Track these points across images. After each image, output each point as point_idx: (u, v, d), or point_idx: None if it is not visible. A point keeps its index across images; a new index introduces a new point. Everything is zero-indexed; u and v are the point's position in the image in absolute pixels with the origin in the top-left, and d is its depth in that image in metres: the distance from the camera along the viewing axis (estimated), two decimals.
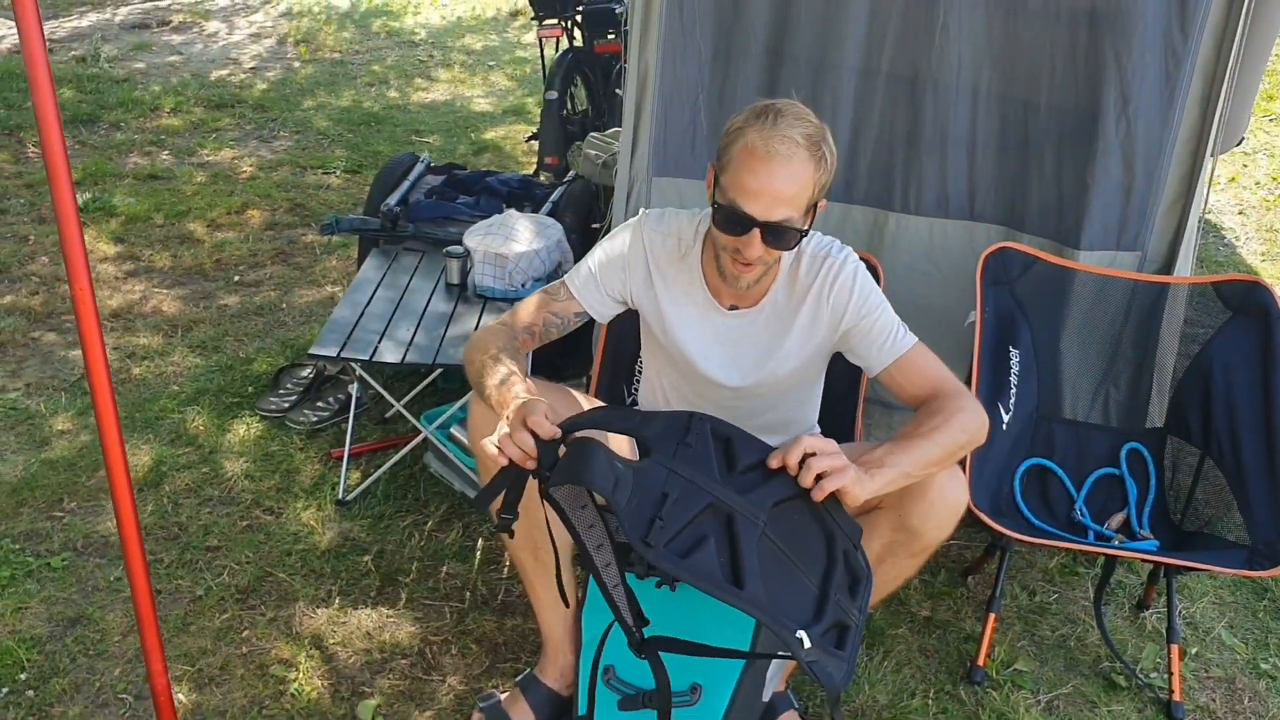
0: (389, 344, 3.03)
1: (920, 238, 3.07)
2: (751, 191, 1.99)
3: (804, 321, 2.24)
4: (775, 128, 1.97)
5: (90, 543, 2.93)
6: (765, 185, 1.98)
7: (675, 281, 2.27)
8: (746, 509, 1.86)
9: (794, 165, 1.97)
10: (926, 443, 2.04)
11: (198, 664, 2.54)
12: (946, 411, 2.08)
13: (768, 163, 1.96)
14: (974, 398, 2.17)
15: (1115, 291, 2.82)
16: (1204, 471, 2.67)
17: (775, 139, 1.96)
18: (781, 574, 1.85)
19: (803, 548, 1.90)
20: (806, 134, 1.98)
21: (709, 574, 1.78)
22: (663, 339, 2.35)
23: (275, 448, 3.36)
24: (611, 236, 2.33)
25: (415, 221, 3.58)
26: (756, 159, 1.97)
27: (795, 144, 1.96)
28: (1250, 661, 2.73)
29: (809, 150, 1.98)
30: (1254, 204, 5.82)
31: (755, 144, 1.97)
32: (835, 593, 1.87)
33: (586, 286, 2.31)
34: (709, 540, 1.82)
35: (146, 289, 4.36)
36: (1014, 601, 2.87)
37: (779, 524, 1.89)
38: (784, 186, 1.98)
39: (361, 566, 2.88)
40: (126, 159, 5.79)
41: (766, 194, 1.98)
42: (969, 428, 2.10)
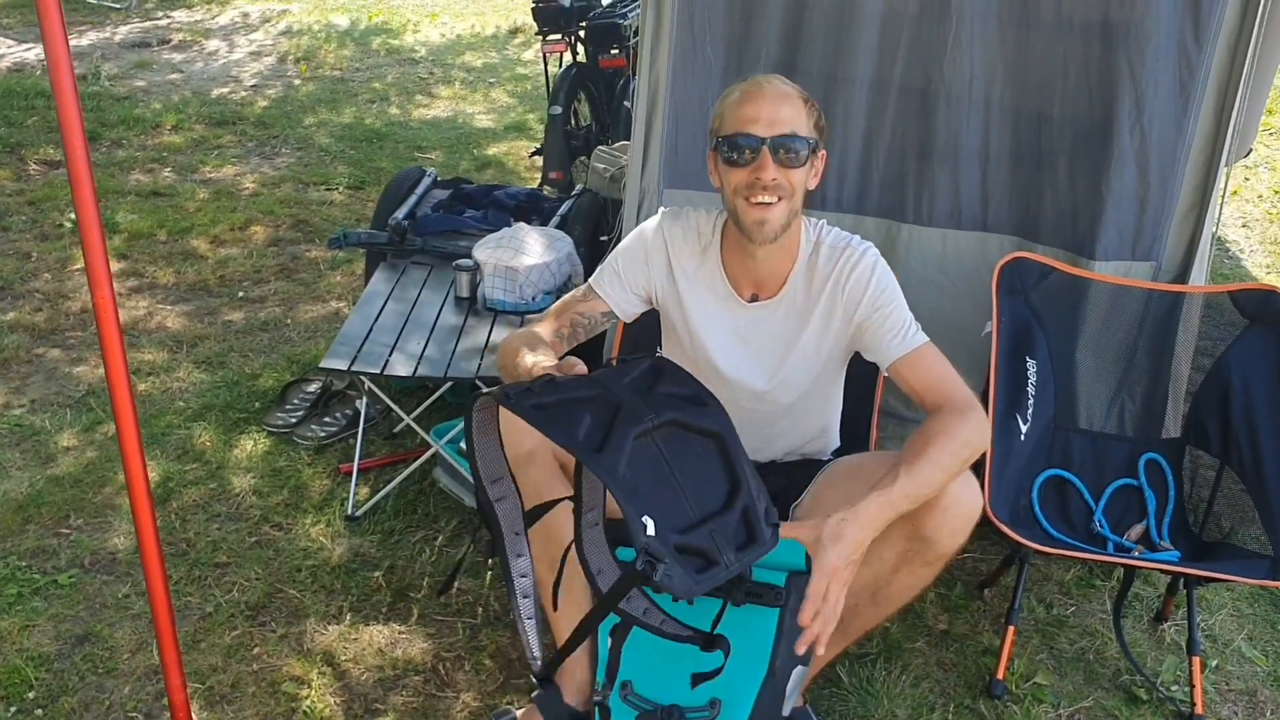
0: (400, 357, 3.01)
1: (933, 249, 3.06)
2: (749, 118, 2.10)
3: (822, 312, 2.27)
4: (759, 79, 2.15)
5: (98, 559, 2.90)
6: (761, 108, 2.10)
7: (696, 276, 2.31)
8: (637, 405, 1.81)
9: (784, 93, 2.12)
10: (929, 467, 2.05)
11: (208, 682, 2.51)
12: (950, 431, 2.09)
13: (760, 91, 2.12)
14: (978, 405, 2.18)
15: (1130, 301, 2.81)
16: (1223, 481, 2.65)
17: (761, 79, 2.15)
18: (656, 476, 1.80)
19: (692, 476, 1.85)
20: (791, 85, 2.15)
21: (563, 427, 1.74)
22: (684, 336, 2.36)
23: (283, 463, 3.33)
24: (632, 234, 2.37)
25: (423, 235, 3.57)
26: (748, 95, 2.12)
27: (783, 82, 2.15)
28: (1271, 673, 2.70)
29: (796, 92, 2.14)
30: (1258, 217, 5.82)
31: (745, 87, 2.14)
32: (715, 530, 1.81)
33: (611, 284, 2.35)
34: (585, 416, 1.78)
35: (151, 305, 4.34)
36: (1031, 614, 2.85)
37: (675, 443, 1.84)
38: (780, 105, 2.10)
39: (372, 582, 2.85)
40: (128, 176, 5.77)
41: (764, 115, 2.10)
42: (972, 442, 2.11)
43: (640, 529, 1.72)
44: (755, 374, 2.34)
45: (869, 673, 2.62)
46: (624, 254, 2.35)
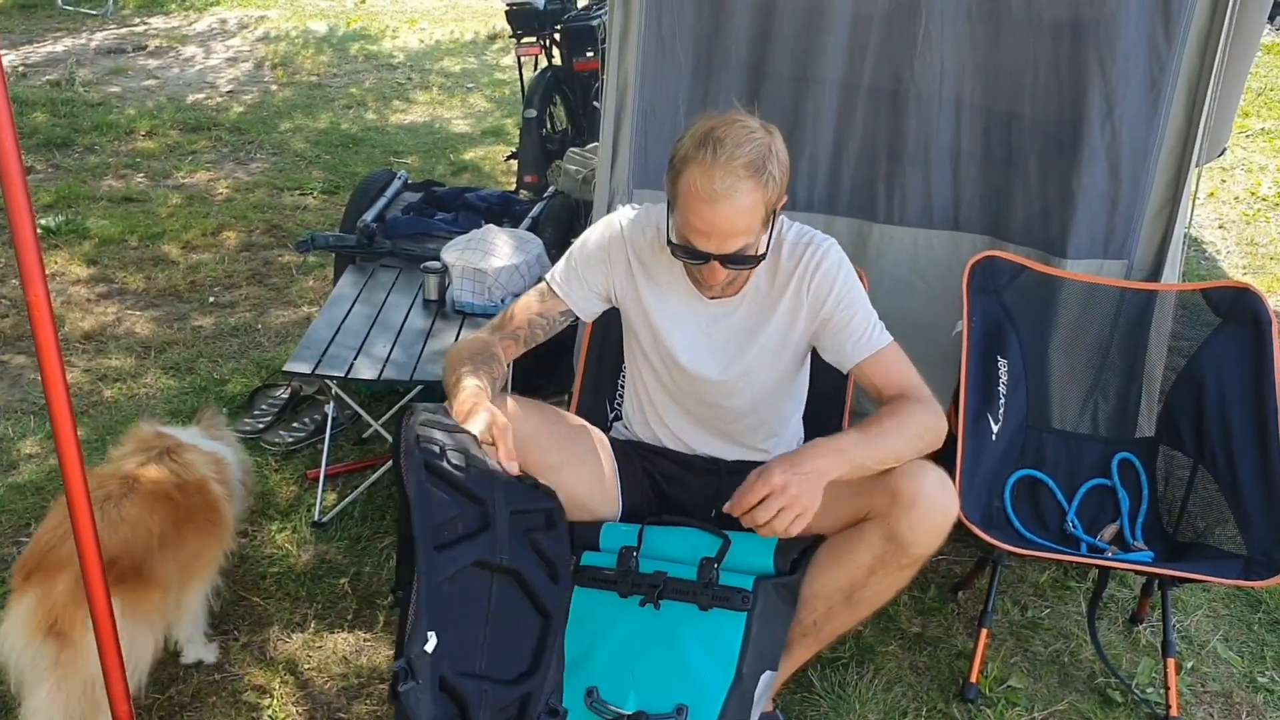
0: (365, 360, 2.96)
1: (905, 249, 3.03)
2: (701, 232, 2.03)
3: (785, 309, 2.25)
4: (716, 161, 1.97)
5: None
6: (713, 226, 2.01)
7: (656, 272, 2.28)
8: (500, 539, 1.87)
9: (737, 200, 1.98)
10: (885, 438, 2.09)
11: (168, 692, 2.46)
12: (909, 410, 2.13)
13: (711, 205, 1.98)
14: (937, 403, 2.19)
15: (1103, 299, 2.79)
16: (1197, 481, 2.63)
17: (717, 176, 1.96)
18: (470, 611, 1.84)
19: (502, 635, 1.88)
20: (749, 160, 1.98)
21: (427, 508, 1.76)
22: (644, 332, 2.34)
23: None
24: (590, 231, 2.33)
25: (392, 238, 3.52)
26: (700, 201, 1.99)
27: (737, 177, 1.97)
28: (1247, 675, 2.68)
29: (752, 178, 1.98)
30: (1234, 218, 5.82)
31: (698, 185, 1.98)
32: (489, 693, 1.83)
33: (569, 282, 2.32)
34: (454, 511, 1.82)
35: (119, 311, 4.28)
36: (1006, 617, 2.82)
37: (508, 596, 1.89)
38: (731, 223, 2.01)
39: (338, 589, 2.81)
40: (101, 182, 5.71)
41: (716, 233, 2.02)
42: (932, 426, 2.14)
43: (421, 640, 1.70)
44: (717, 369, 2.32)
45: (841, 677, 2.59)
46: (583, 252, 2.32)
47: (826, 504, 2.20)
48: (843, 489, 2.18)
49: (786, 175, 2.07)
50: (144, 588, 2.20)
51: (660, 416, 2.44)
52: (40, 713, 2.08)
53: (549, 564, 1.95)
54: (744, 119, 2.04)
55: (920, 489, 2.11)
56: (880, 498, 2.14)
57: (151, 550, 2.24)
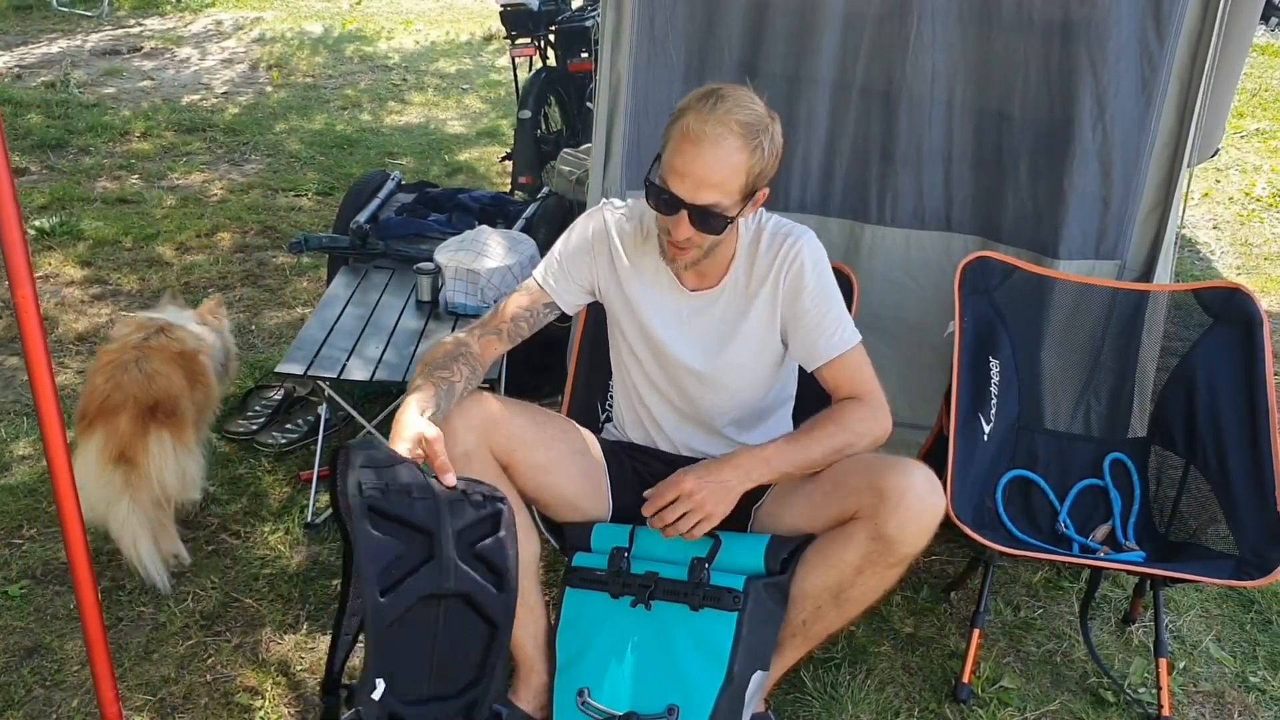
0: (358, 361, 2.96)
1: (897, 249, 3.04)
2: (679, 172, 2.02)
3: (762, 302, 2.25)
4: (713, 111, 1.99)
5: (50, 570, 2.84)
6: (691, 167, 2.00)
7: (639, 264, 2.29)
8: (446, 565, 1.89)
9: (722, 149, 1.99)
10: (815, 444, 2.15)
11: (160, 693, 2.46)
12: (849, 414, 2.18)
13: (696, 145, 1.99)
14: (885, 406, 2.22)
15: (1095, 300, 2.79)
16: (1189, 481, 2.63)
17: (710, 122, 1.98)
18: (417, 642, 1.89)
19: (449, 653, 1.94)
20: (744, 120, 2.00)
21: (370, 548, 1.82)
22: (628, 324, 2.35)
23: (243, 470, 3.28)
24: (574, 225, 2.34)
25: (385, 239, 3.52)
26: (687, 141, 2.00)
27: (728, 129, 1.98)
28: (1239, 675, 2.68)
29: (743, 136, 2.00)
30: (1228, 219, 5.83)
31: (689, 126, 2.00)
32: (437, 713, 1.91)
33: (554, 277, 2.33)
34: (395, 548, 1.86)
35: (114, 312, 4.28)
36: (998, 617, 2.82)
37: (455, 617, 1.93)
38: (710, 170, 2.01)
39: (330, 590, 2.80)
40: (95, 183, 5.71)
41: (692, 176, 2.01)
42: (869, 430, 2.18)
43: (369, 687, 1.80)
44: (699, 359, 2.33)
45: (833, 677, 2.59)
46: (567, 246, 2.34)
47: (812, 504, 2.21)
48: (829, 488, 2.18)
49: (776, 162, 2.08)
50: (183, 424, 2.74)
51: (650, 412, 2.44)
52: (125, 524, 2.63)
53: (496, 572, 1.96)
54: (751, 92, 2.07)
55: (907, 488, 2.11)
56: (867, 497, 2.13)
57: (183, 395, 2.79)
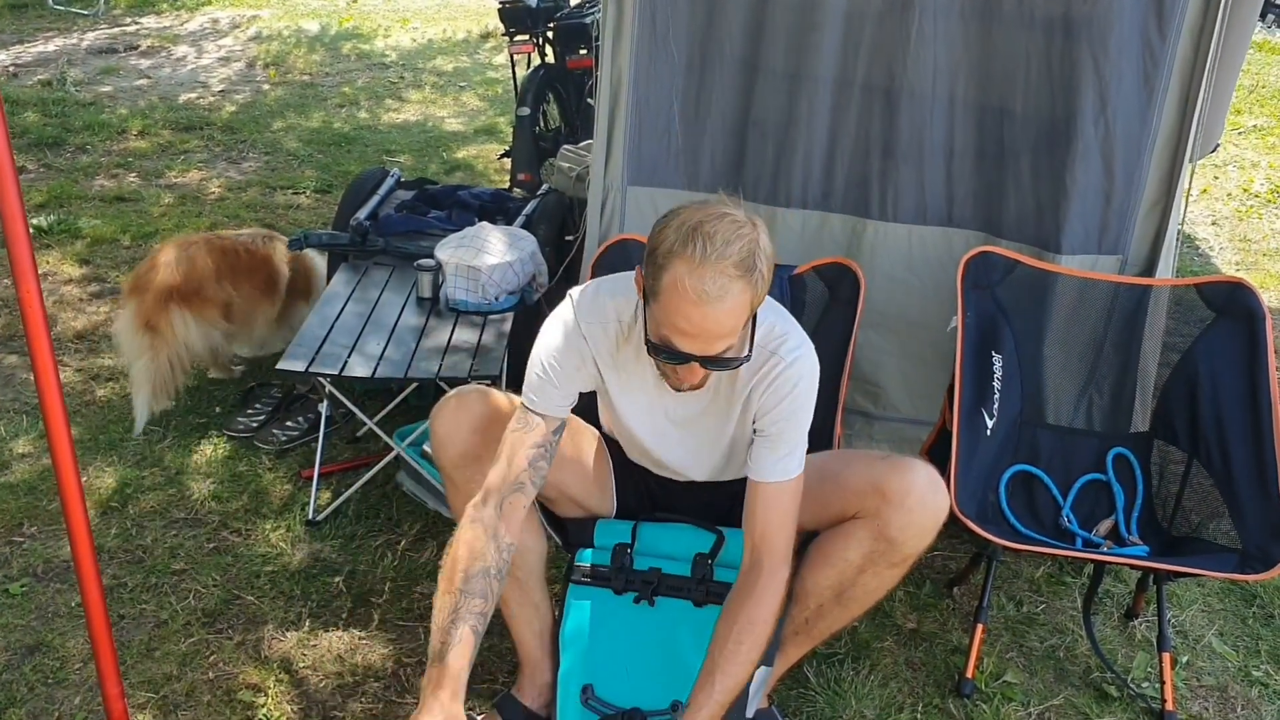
0: (359, 358, 2.95)
1: (899, 245, 3.03)
2: (686, 334, 1.86)
3: (742, 407, 2.13)
4: (706, 260, 1.80)
5: (51, 568, 2.83)
6: (699, 329, 1.85)
7: (623, 365, 2.13)
8: None
9: (727, 301, 1.82)
10: (740, 666, 2.02)
11: (162, 690, 2.45)
12: (751, 618, 2.03)
13: (700, 306, 1.82)
14: (788, 565, 2.09)
15: (1097, 295, 2.79)
16: (1191, 476, 2.63)
17: (706, 277, 1.80)
18: None
19: None
20: (739, 260, 1.82)
21: None
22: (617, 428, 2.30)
23: (243, 468, 3.27)
24: (543, 340, 2.13)
25: (385, 236, 3.51)
26: (688, 302, 1.82)
27: (728, 278, 1.81)
28: (1242, 669, 2.68)
29: (743, 278, 1.83)
30: (1227, 215, 5.83)
31: (685, 284, 1.81)
32: None
33: (548, 400, 2.11)
34: None
35: (112, 310, 4.26)
36: (1001, 612, 2.82)
37: None
38: (719, 325, 1.85)
39: (332, 588, 2.80)
40: (93, 181, 5.69)
41: (702, 335, 1.86)
42: (772, 620, 2.05)
43: None
44: (685, 457, 2.27)
45: (836, 673, 2.59)
46: (549, 364, 2.10)
47: (815, 502, 2.19)
48: (830, 487, 2.17)
49: (772, 270, 1.90)
50: (201, 303, 3.44)
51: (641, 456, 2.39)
52: (141, 374, 3.39)
53: None
54: (731, 211, 1.86)
55: (909, 488, 2.10)
56: (870, 498, 2.13)
57: (208, 281, 3.46)
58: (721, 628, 2.06)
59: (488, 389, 2.27)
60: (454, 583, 1.99)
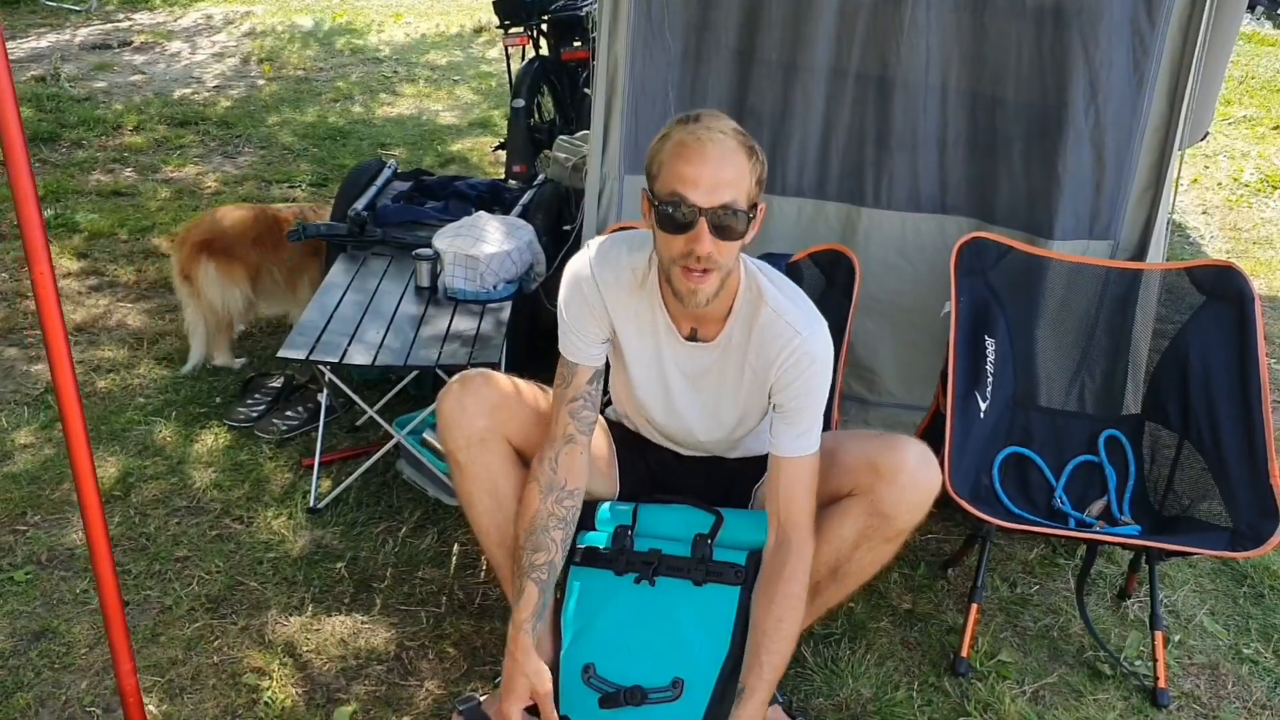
0: (359, 346, 2.98)
1: (893, 232, 3.07)
2: (691, 179, 1.94)
3: (752, 372, 2.19)
4: (699, 122, 1.98)
5: (55, 556, 2.86)
6: (702, 170, 1.94)
7: (635, 313, 2.19)
8: None
9: (726, 148, 1.96)
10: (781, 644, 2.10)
11: (168, 674, 2.48)
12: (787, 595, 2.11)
13: (701, 149, 1.95)
14: (811, 538, 2.16)
15: (1089, 279, 2.82)
16: (1183, 456, 2.67)
17: (703, 130, 1.96)
18: None
19: None
20: (733, 127, 1.98)
21: None
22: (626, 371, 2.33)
23: (244, 457, 3.30)
24: (563, 285, 2.23)
25: (383, 226, 3.54)
26: (689, 148, 1.96)
27: (725, 133, 1.96)
28: (1233, 647, 2.72)
29: (739, 140, 1.98)
30: (1217, 204, 5.88)
31: (685, 138, 1.96)
32: None
33: (575, 349, 2.23)
34: None
35: (111, 303, 4.29)
36: (995, 594, 2.86)
37: None
38: (722, 169, 1.95)
39: (335, 573, 2.83)
40: (89, 176, 5.71)
41: (706, 177, 1.94)
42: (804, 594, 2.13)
43: None
44: (692, 417, 2.32)
45: (833, 652, 2.62)
46: (567, 312, 2.22)
47: None
48: (826, 466, 2.20)
49: (765, 166, 2.04)
50: (230, 261, 3.64)
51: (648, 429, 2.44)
52: (190, 318, 3.75)
53: None
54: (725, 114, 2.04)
55: (902, 463, 2.14)
56: (864, 475, 2.17)
57: (241, 243, 3.67)
58: (760, 609, 2.14)
59: (492, 372, 2.29)
60: (518, 540, 2.21)
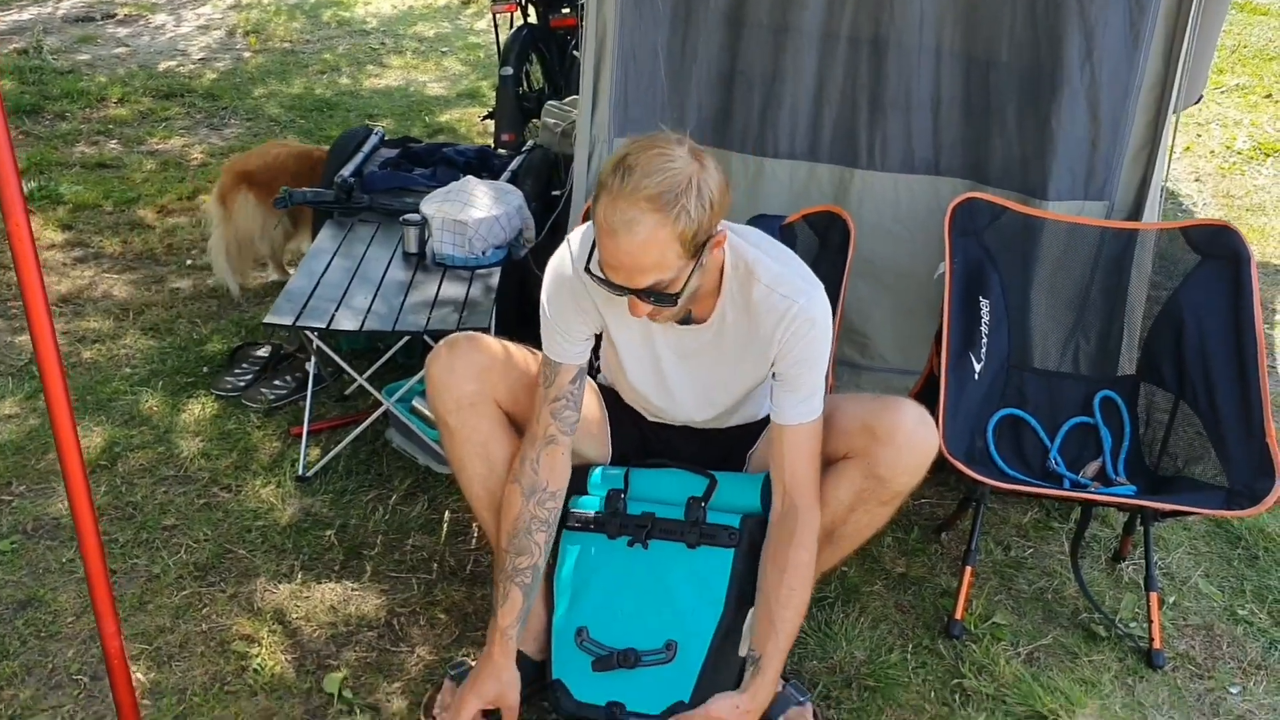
0: (346, 312, 2.94)
1: (886, 194, 3.04)
2: (611, 265, 1.92)
3: (758, 347, 2.14)
4: (621, 192, 1.84)
5: (40, 525, 2.83)
6: (618, 259, 1.90)
7: (620, 304, 2.10)
8: None
9: (638, 234, 1.85)
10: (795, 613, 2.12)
11: (155, 642, 2.46)
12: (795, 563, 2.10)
13: (612, 237, 1.87)
14: (817, 505, 2.14)
15: (1083, 240, 2.80)
16: (1178, 417, 2.65)
17: (618, 208, 1.84)
18: None
19: None
20: (653, 194, 1.83)
21: None
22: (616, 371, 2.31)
23: (232, 426, 3.27)
24: (545, 283, 2.19)
25: (370, 193, 3.49)
26: (603, 233, 1.89)
27: (639, 210, 1.83)
28: (1227, 608, 2.71)
29: (658, 211, 1.83)
30: (1209, 171, 5.85)
31: (600, 216, 1.88)
32: None
33: (558, 349, 2.19)
34: None
35: (96, 274, 4.24)
36: (989, 557, 2.84)
37: None
38: (633, 258, 1.88)
39: (324, 541, 2.80)
40: (73, 148, 5.64)
41: (622, 267, 1.90)
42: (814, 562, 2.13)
43: None
44: (687, 397, 2.29)
45: (827, 615, 2.61)
46: (549, 312, 2.18)
47: None
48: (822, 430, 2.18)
49: (714, 208, 1.90)
50: (268, 194, 3.72)
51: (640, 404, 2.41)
52: (216, 239, 3.96)
53: None
54: (666, 147, 1.88)
55: (898, 424, 2.12)
56: (860, 437, 2.15)
57: (282, 177, 3.79)
58: (769, 578, 2.13)
59: (481, 335, 2.27)
60: (501, 543, 2.21)
